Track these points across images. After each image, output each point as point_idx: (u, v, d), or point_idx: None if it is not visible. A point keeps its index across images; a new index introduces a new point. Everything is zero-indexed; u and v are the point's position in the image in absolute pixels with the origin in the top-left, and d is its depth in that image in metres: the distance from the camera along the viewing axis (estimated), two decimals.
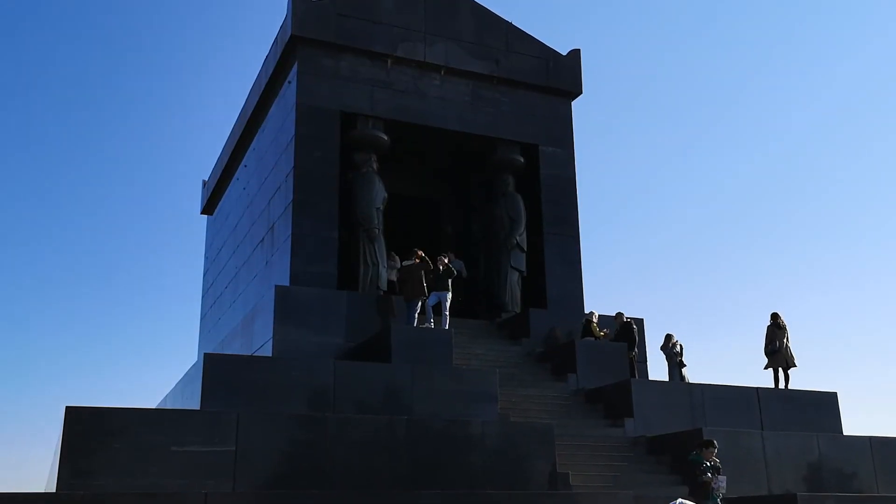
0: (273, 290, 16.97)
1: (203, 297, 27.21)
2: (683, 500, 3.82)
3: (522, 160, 21.27)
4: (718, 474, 11.45)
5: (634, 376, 17.81)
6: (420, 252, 17.53)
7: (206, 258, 27.74)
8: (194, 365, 14.17)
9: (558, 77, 21.77)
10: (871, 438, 14.98)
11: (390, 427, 11.60)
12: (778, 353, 18.11)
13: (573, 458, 13.65)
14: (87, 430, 10.00)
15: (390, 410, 12.76)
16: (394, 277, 19.20)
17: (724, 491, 11.41)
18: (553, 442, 12.50)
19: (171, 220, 62.85)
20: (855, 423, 55.08)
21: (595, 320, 18.92)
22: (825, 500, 12.02)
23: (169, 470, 10.04)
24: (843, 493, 13.14)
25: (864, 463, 14.57)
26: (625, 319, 19.11)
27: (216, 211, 27.19)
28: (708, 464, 11.47)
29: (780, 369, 18.20)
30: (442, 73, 20.45)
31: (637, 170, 60.10)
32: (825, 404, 17.02)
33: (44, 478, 12.85)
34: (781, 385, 18.16)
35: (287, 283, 17.62)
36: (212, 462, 10.33)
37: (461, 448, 11.82)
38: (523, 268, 21.09)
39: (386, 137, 19.78)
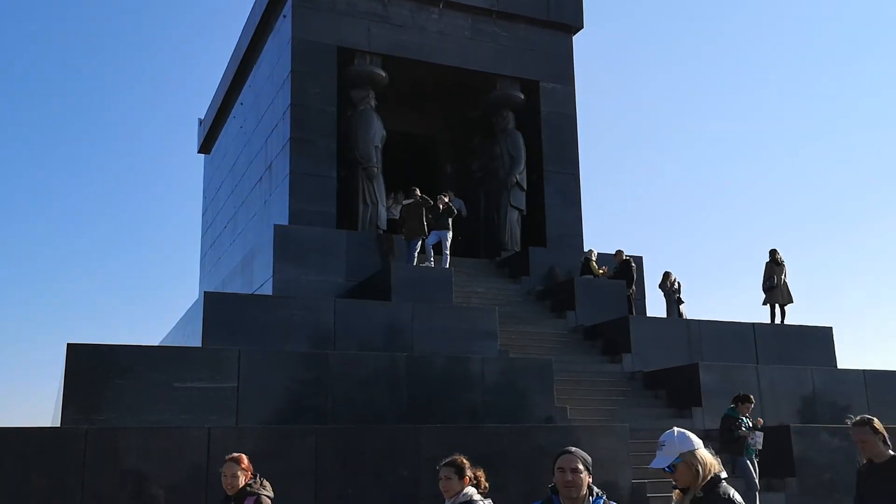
0: (272, 229, 16.98)
1: (202, 236, 27.23)
2: (680, 430, 3.85)
3: (522, 97, 21.02)
4: (755, 430, 11.15)
5: (632, 313, 17.94)
6: (418, 191, 17.47)
7: (205, 197, 27.66)
8: (194, 304, 14.26)
9: (559, 11, 21.34)
10: (864, 371, 15.18)
11: (391, 364, 11.73)
12: (775, 289, 18.21)
13: (571, 392, 13.86)
14: (89, 368, 10.12)
15: (391, 349, 12.88)
16: (396, 216, 19.17)
17: (759, 447, 11.10)
18: (552, 377, 12.66)
19: (169, 159, 62.48)
20: (850, 357, 55.68)
21: (594, 258, 18.96)
22: (818, 432, 12.22)
23: (172, 406, 10.19)
24: (837, 424, 13.36)
25: (857, 395, 14.78)
26: (624, 257, 19.15)
27: (213, 150, 26.99)
28: (744, 419, 11.15)
29: (777, 305, 18.34)
30: (440, 6, 20.04)
31: (638, 106, 59.45)
32: (820, 339, 17.19)
33: (49, 415, 13.05)
34: (778, 321, 18.32)
35: (286, 223, 17.61)
36: (214, 398, 10.48)
37: (461, 384, 11.97)
38: (523, 206, 21.05)
39: (384, 74, 19.50)
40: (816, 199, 56.27)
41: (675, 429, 3.90)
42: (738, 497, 3.72)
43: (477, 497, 5.16)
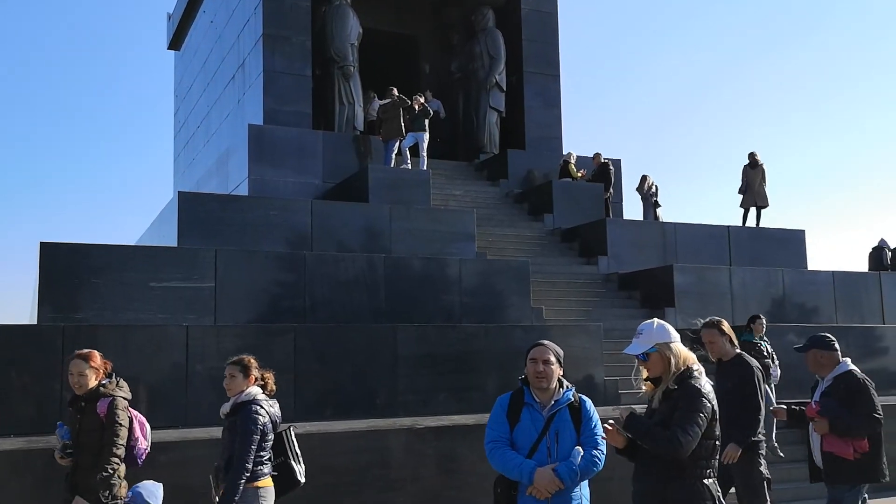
0: (246, 129, 16.65)
1: (175, 136, 26.66)
2: (660, 321, 3.88)
3: None
4: (773, 362, 10.53)
5: (609, 216, 18.04)
6: (395, 91, 17.11)
7: (176, 96, 26.92)
8: (168, 204, 14.08)
9: None
10: (833, 273, 15.48)
11: (369, 266, 11.74)
12: (752, 191, 18.35)
13: (548, 293, 14.04)
14: (64, 267, 10.03)
15: (368, 250, 12.88)
16: (373, 117, 18.84)
17: (775, 380, 10.55)
18: (528, 279, 12.78)
19: (138, 56, 60.55)
20: (821, 260, 56.86)
21: (573, 161, 18.89)
22: (785, 332, 12.53)
23: (149, 305, 10.18)
24: (804, 324, 13.72)
25: (825, 296, 15.13)
26: (602, 160, 19.10)
27: (183, 46, 26.09)
28: (763, 343, 10.52)
29: (753, 208, 18.51)
30: None
31: (620, 8, 58.15)
32: (793, 241, 17.47)
33: (26, 313, 13.02)
34: (753, 223, 18.54)
35: (261, 123, 17.25)
36: (191, 298, 10.47)
37: (439, 286, 12.05)
38: (502, 108, 20.76)
39: None
40: (795, 103, 56.12)
41: (655, 320, 3.92)
42: (708, 388, 3.75)
43: (262, 397, 5.16)
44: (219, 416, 5.26)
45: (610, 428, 3.87)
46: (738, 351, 6.18)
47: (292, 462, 5.30)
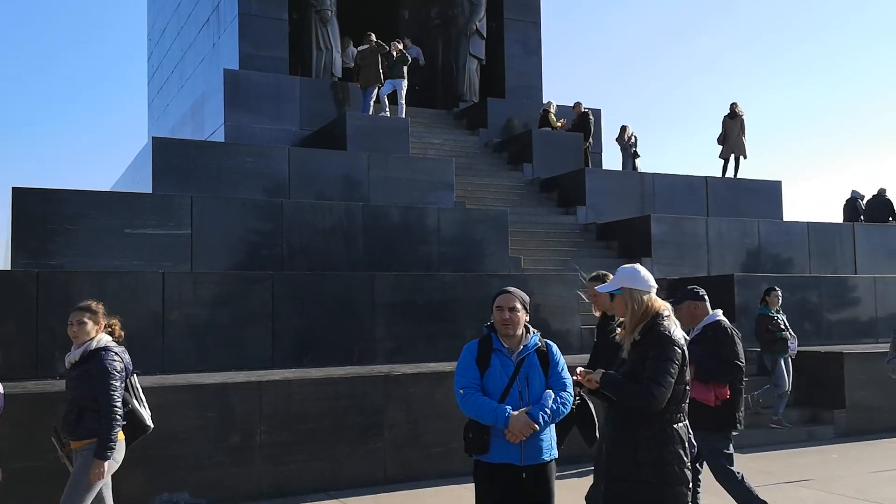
0: (222, 74, 16.35)
1: (149, 81, 26.14)
2: (640, 267, 3.87)
3: None
4: (790, 334, 10.25)
5: (589, 166, 18.02)
6: (373, 37, 16.82)
7: (150, 40, 26.31)
8: (142, 150, 13.86)
9: None
10: (808, 224, 15.65)
11: (347, 214, 11.68)
12: (730, 141, 18.39)
13: (526, 243, 14.08)
14: (37, 213, 9.89)
15: (347, 199, 12.80)
16: (351, 63, 18.54)
17: (794, 354, 10.28)
18: (507, 228, 12.80)
19: None
20: (798, 211, 57.42)
21: (552, 110, 18.77)
22: (758, 281, 12.70)
23: (124, 252, 10.07)
24: (779, 274, 13.89)
25: (799, 247, 15.31)
26: (582, 110, 19.00)
27: None
28: (779, 316, 10.23)
29: (732, 158, 18.58)
30: None
31: None
32: (769, 192, 17.61)
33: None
34: (731, 174, 18.62)
35: (236, 68, 16.93)
36: (167, 245, 10.38)
37: (417, 235, 12.03)
38: (482, 55, 20.50)
39: None
40: (780, 55, 55.95)
41: (635, 265, 3.92)
42: (677, 333, 3.76)
43: (112, 344, 5.07)
44: (191, 362, 5.25)
45: (579, 376, 3.90)
46: None
47: (139, 408, 5.18)
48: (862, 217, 18.89)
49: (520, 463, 4.03)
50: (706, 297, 5.98)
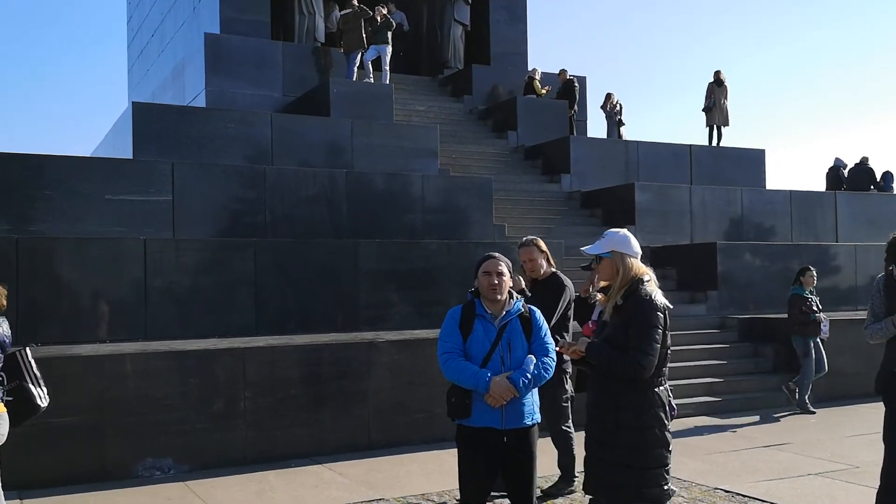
0: (203, 38, 16.09)
1: (129, 45, 25.71)
2: (628, 233, 3.86)
3: None
4: (822, 315, 9.71)
5: (573, 134, 17.99)
6: (355, 0, 16.61)
7: (129, 3, 25.83)
8: (122, 115, 13.67)
9: None
10: (791, 192, 15.73)
11: (331, 181, 11.60)
12: (714, 109, 18.40)
13: (510, 211, 14.08)
14: (16, 178, 9.75)
15: (330, 166, 12.71)
16: (334, 28, 18.31)
17: (826, 335, 9.75)
18: (491, 196, 12.77)
19: None
20: (781, 178, 57.70)
21: (537, 77, 18.68)
22: (741, 250, 12.79)
23: (105, 218, 9.97)
24: (761, 242, 14.00)
25: (782, 215, 15.41)
26: (567, 77, 18.92)
27: None
28: (812, 297, 9.73)
29: (715, 126, 18.61)
30: None
31: None
32: (753, 160, 17.68)
33: None
34: (715, 142, 18.67)
35: (217, 32, 16.67)
36: (149, 211, 10.28)
37: (401, 202, 11.99)
38: (467, 21, 20.32)
39: None
40: (763, 20, 55.80)
41: (624, 230, 3.92)
42: (659, 298, 3.76)
43: None
44: (174, 329, 5.21)
45: (562, 349, 3.91)
46: (554, 270, 6.14)
47: (30, 385, 4.83)
48: (844, 185, 19.01)
49: (501, 427, 4.06)
50: None
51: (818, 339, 9.75)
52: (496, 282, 4.15)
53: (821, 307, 9.87)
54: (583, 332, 5.69)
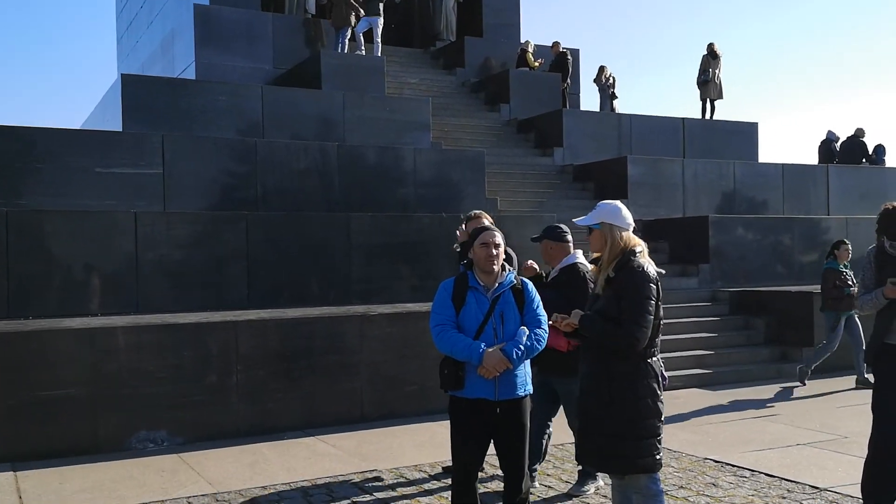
0: (192, 9, 15.90)
1: (118, 16, 25.39)
2: (620, 204, 3.85)
3: None
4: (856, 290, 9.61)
5: (566, 107, 17.91)
6: None
7: None
8: (111, 87, 13.54)
9: None
10: (783, 165, 15.74)
11: (322, 155, 11.55)
12: (709, 82, 18.33)
13: (503, 184, 14.05)
14: (5, 151, 9.66)
15: (322, 139, 12.64)
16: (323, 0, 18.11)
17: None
18: (483, 169, 12.74)
19: None
20: (774, 153, 57.69)
21: (530, 50, 18.56)
22: (733, 223, 12.81)
23: (95, 192, 9.91)
24: (753, 215, 14.02)
25: (774, 189, 15.43)
26: (560, 50, 18.79)
27: None
28: (847, 271, 9.34)
29: (709, 100, 18.55)
30: None
31: None
32: (745, 134, 17.67)
33: None
34: (708, 116, 18.62)
35: (207, 3, 16.48)
36: (139, 184, 10.22)
37: (393, 176, 11.95)
38: None
39: None
40: None
41: (617, 202, 3.90)
42: (651, 269, 3.76)
43: None
44: (166, 302, 5.20)
45: (556, 323, 3.91)
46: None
47: None
48: (836, 159, 19.02)
49: (494, 398, 4.07)
50: (568, 236, 5.50)
51: (853, 314, 9.38)
52: (494, 252, 4.15)
53: (855, 282, 9.44)
54: None
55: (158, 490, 5.70)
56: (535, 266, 5.60)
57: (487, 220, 5.98)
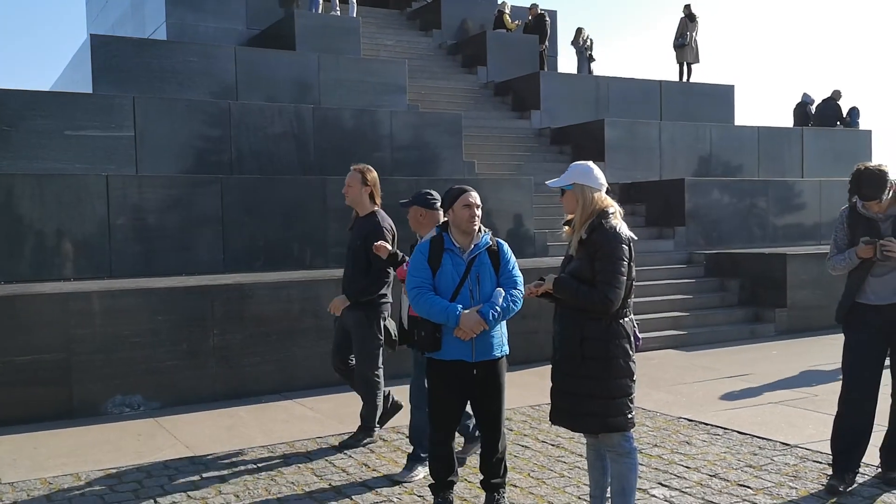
0: None
1: None
2: (593, 165, 3.83)
3: None
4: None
5: (544, 69, 17.81)
6: None
7: None
8: (80, 48, 13.23)
9: None
10: (759, 128, 15.81)
11: (297, 117, 11.40)
12: (686, 46, 18.28)
13: (480, 147, 13.99)
14: None
15: (297, 101, 12.48)
16: None
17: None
18: (461, 132, 12.67)
19: None
20: (750, 116, 57.89)
21: (508, 11, 18.41)
22: (709, 186, 12.87)
23: (65, 154, 9.73)
24: (729, 178, 14.10)
25: (749, 151, 15.51)
26: (538, 11, 18.63)
27: None
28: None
29: (686, 63, 18.51)
30: None
31: None
32: (722, 97, 17.69)
33: None
34: (685, 79, 18.60)
35: None
36: (110, 147, 10.05)
37: (370, 138, 11.84)
38: None
39: None
40: None
41: (589, 163, 3.88)
42: (623, 230, 3.74)
43: None
44: (140, 266, 5.13)
45: (530, 293, 3.89)
46: (376, 209, 5.83)
47: None
48: (811, 122, 19.13)
49: (471, 359, 4.09)
50: (437, 204, 4.94)
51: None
52: (477, 213, 4.15)
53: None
54: (397, 275, 5.46)
55: (135, 454, 5.69)
56: (388, 246, 5.42)
57: (368, 177, 5.82)
